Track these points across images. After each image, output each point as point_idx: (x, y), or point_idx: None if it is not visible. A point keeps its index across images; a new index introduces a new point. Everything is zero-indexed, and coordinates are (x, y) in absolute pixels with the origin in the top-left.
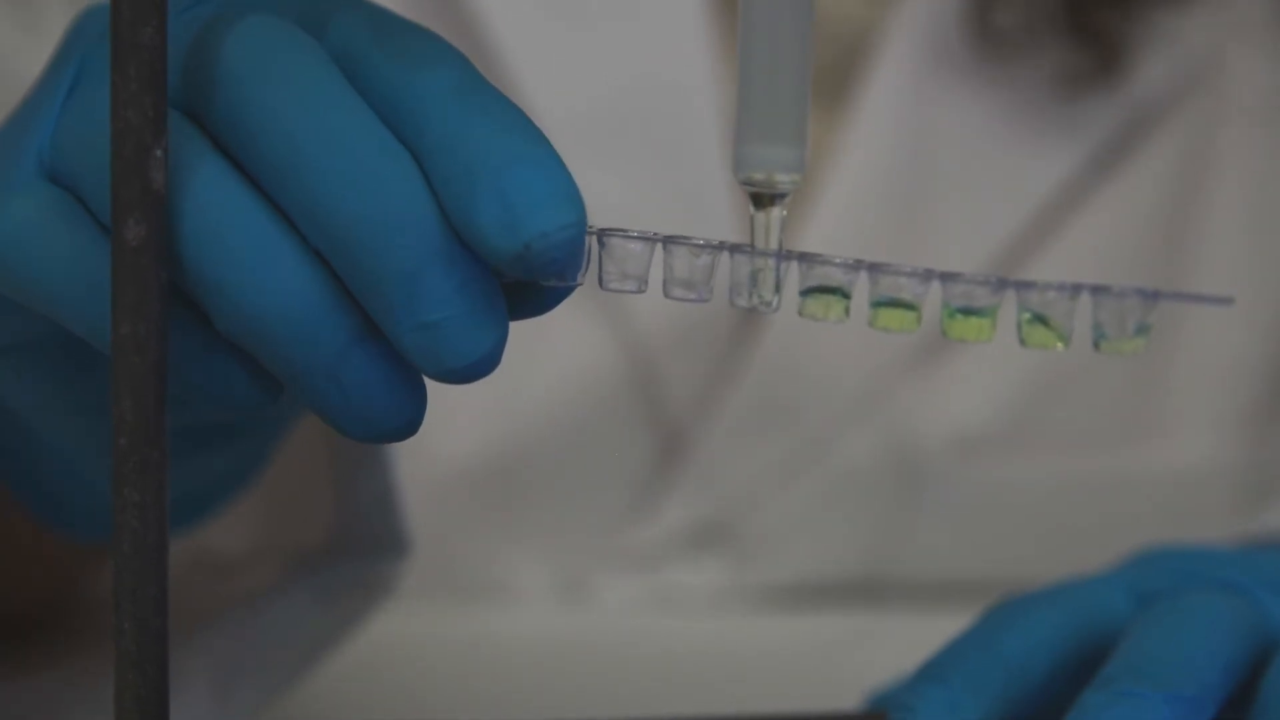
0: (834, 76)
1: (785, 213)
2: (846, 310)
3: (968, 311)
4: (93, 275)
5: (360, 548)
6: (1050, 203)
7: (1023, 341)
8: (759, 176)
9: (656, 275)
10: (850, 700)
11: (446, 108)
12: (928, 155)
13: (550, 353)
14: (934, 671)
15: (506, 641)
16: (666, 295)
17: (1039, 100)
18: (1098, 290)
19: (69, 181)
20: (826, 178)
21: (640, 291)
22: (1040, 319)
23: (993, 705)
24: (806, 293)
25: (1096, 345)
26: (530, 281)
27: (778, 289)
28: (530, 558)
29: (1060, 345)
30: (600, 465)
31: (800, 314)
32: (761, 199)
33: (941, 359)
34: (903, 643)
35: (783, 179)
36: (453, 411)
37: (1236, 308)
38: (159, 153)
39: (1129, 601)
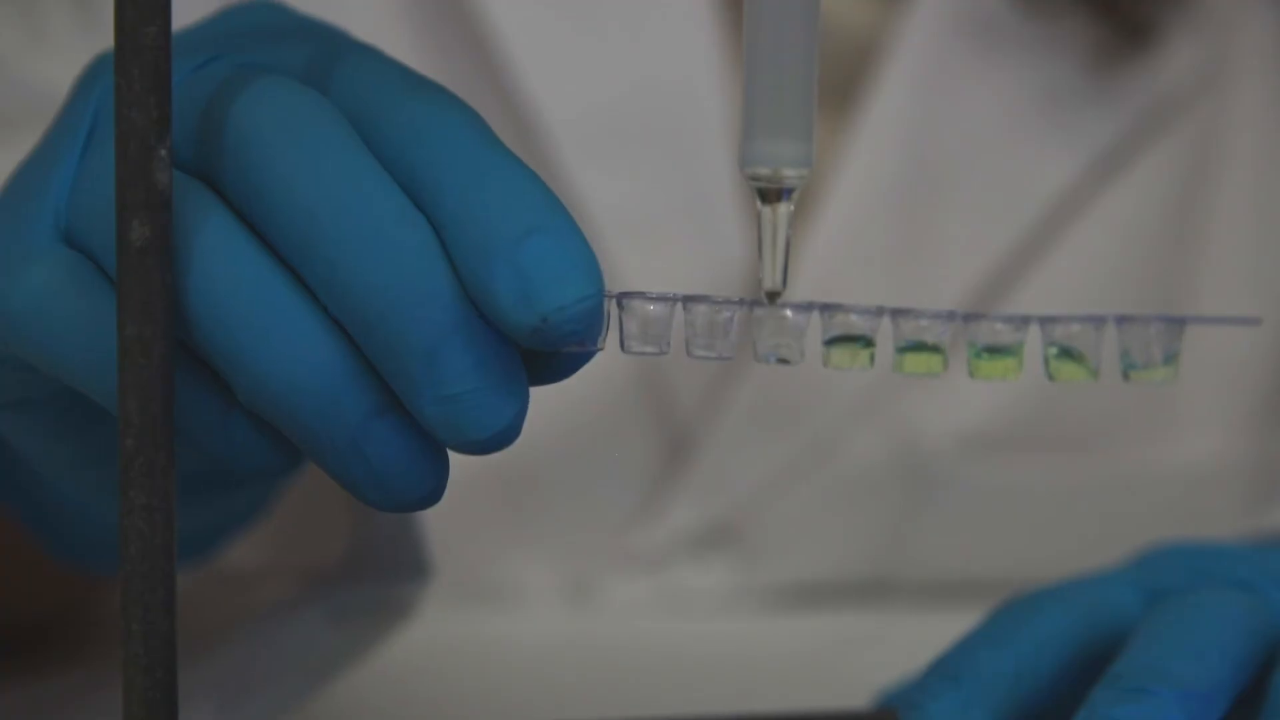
0: (841, 80)
1: (793, 208)
2: (871, 358)
3: (993, 351)
4: (108, 341)
5: (379, 569)
6: (1057, 205)
7: (1051, 377)
8: (765, 172)
9: (678, 333)
10: (859, 700)
11: (461, 173)
12: (935, 158)
13: None
14: (944, 670)
15: (513, 643)
16: (689, 354)
17: (1044, 105)
18: (1123, 320)
19: (84, 243)
20: (834, 180)
21: (662, 354)
22: (1067, 353)
23: (1003, 703)
24: (830, 342)
25: (1126, 375)
26: (550, 350)
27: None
28: (537, 559)
29: (1090, 378)
30: (607, 467)
31: (825, 365)
32: (768, 194)
33: (947, 359)
34: (911, 642)
35: (790, 174)
36: None
37: (1244, 306)
38: (163, 153)
39: (1138, 599)
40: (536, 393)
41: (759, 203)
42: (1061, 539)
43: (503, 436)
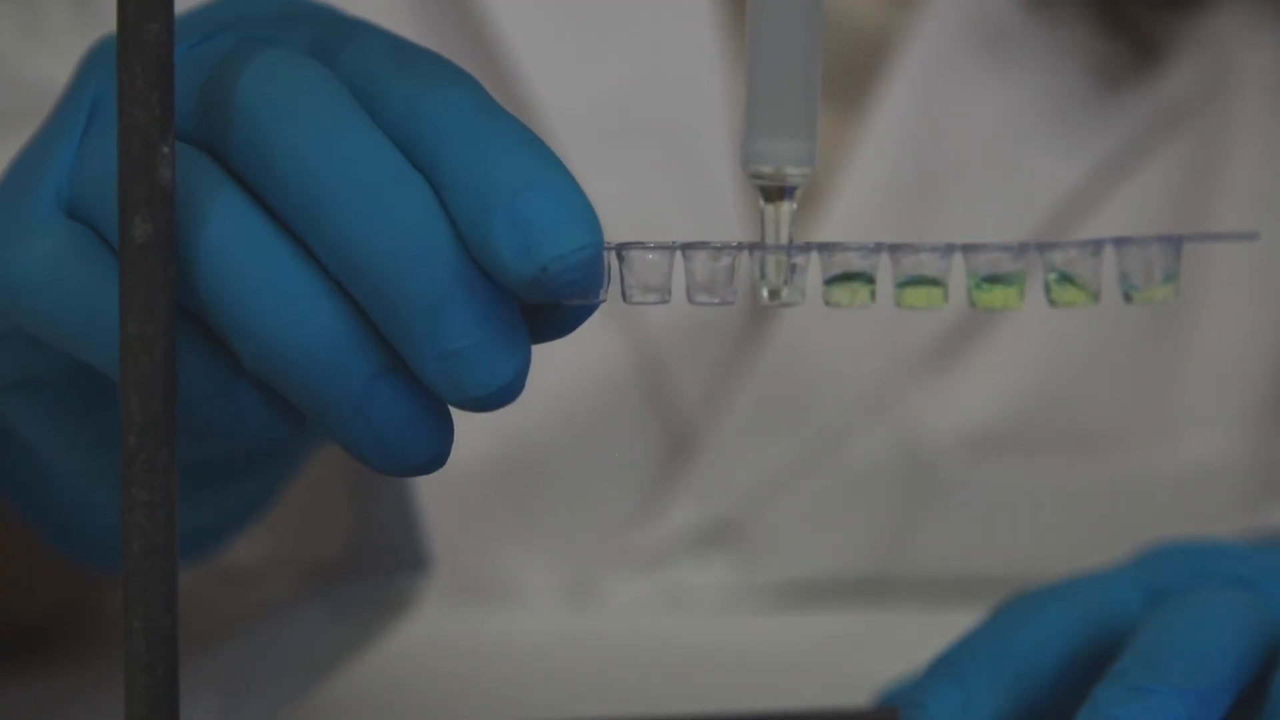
0: (852, 76)
1: (795, 206)
2: (872, 295)
3: (994, 279)
4: (112, 310)
5: (379, 563)
6: (1064, 204)
7: (1052, 302)
8: (768, 170)
9: (678, 283)
10: (860, 699)
11: (460, 134)
12: (941, 159)
13: (559, 351)
14: (945, 668)
15: (514, 640)
16: (691, 301)
17: (1050, 110)
18: (1120, 242)
19: (87, 216)
20: (842, 177)
21: (664, 302)
22: (1067, 278)
23: (1004, 701)
24: (830, 281)
25: (1128, 297)
26: (552, 303)
27: (788, 280)
28: (538, 557)
29: (1090, 301)
30: (608, 464)
31: (826, 303)
32: (771, 193)
33: (951, 358)
34: (912, 640)
35: (792, 172)
36: (461, 411)
37: (1244, 307)
38: (166, 149)
39: (1140, 597)
40: (538, 390)
41: (762, 201)
42: (1063, 539)
43: (505, 393)
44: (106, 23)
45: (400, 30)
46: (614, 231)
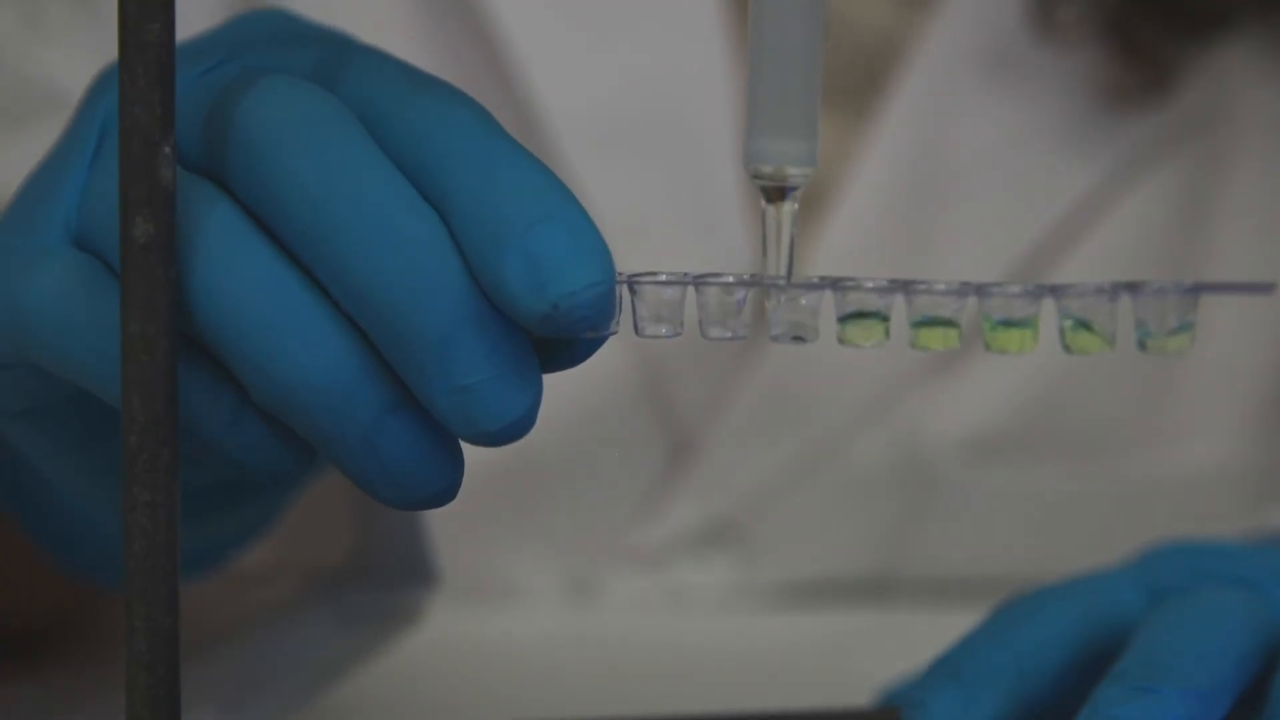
0: (859, 81)
1: (796, 206)
2: (886, 333)
3: (1008, 323)
4: (119, 341)
5: (385, 574)
6: (1069, 216)
7: (1067, 348)
8: (769, 170)
9: (690, 314)
10: (861, 698)
11: (470, 168)
12: (948, 163)
13: None
14: (946, 668)
15: (515, 641)
16: (704, 336)
17: (1065, 115)
18: (1136, 288)
19: (96, 246)
20: (847, 181)
21: (676, 335)
22: (1083, 324)
23: (1005, 701)
24: (845, 319)
25: (1142, 345)
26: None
27: (785, 278)
28: (540, 557)
29: (1106, 348)
30: (610, 465)
31: (840, 341)
32: (772, 193)
33: (952, 361)
34: (913, 640)
35: (794, 172)
36: None
37: (1245, 311)
38: (167, 150)
39: (1141, 597)
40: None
41: (763, 201)
42: (1063, 542)
43: (516, 427)
44: (106, 16)
45: (404, 30)
46: (617, 231)
